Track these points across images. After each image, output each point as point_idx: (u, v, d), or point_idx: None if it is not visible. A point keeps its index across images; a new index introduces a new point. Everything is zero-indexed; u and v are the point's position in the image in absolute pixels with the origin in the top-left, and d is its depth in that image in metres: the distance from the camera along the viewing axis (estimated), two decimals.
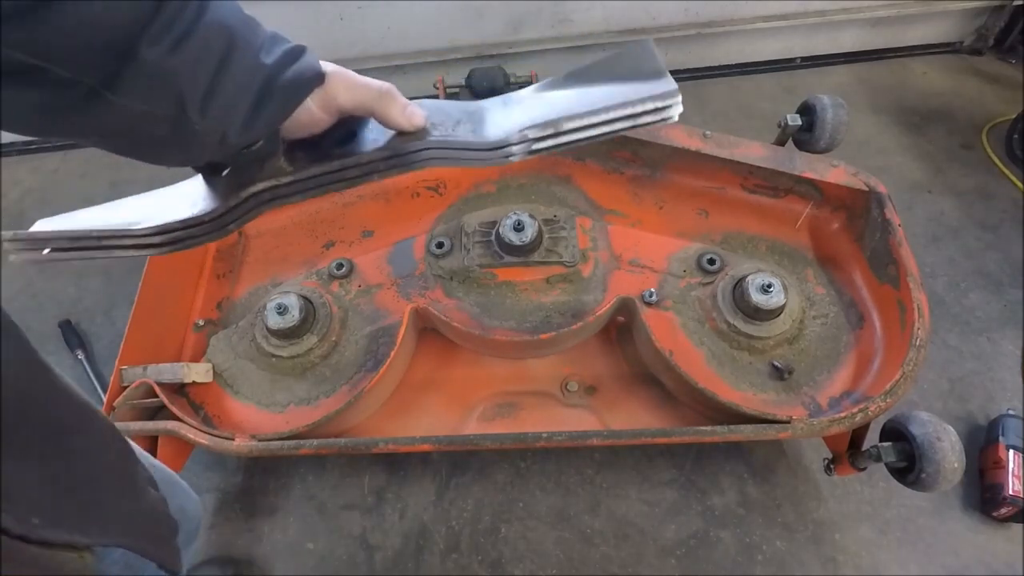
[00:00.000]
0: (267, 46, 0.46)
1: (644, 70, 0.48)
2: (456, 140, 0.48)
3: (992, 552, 1.02)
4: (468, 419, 1.06)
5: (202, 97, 0.39)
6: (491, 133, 0.47)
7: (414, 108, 0.49)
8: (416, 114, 0.48)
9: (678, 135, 1.01)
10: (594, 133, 0.46)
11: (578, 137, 0.46)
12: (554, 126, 0.46)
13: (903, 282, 0.90)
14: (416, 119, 0.48)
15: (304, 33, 1.63)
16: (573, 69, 0.51)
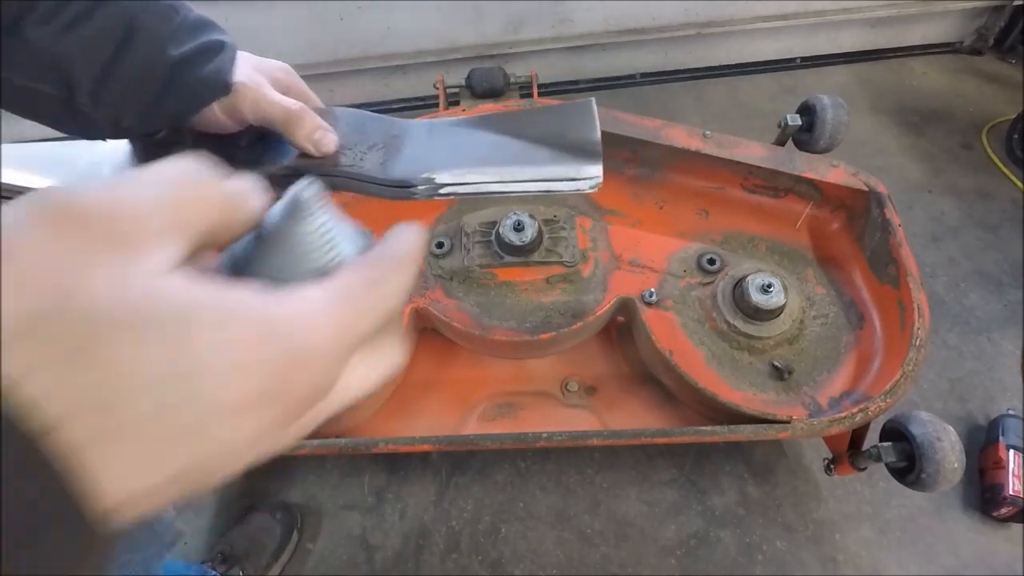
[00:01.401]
0: (179, 36, 0.42)
1: (578, 136, 0.48)
2: (360, 172, 0.46)
3: (992, 552, 1.02)
4: (468, 419, 1.06)
5: (93, 84, 0.37)
6: (399, 169, 0.46)
7: (324, 133, 0.46)
8: (324, 140, 0.46)
9: (678, 135, 1.01)
10: (499, 190, 0.45)
11: (483, 191, 0.45)
12: (462, 178, 0.45)
13: (903, 282, 0.90)
14: (323, 145, 0.46)
15: (304, 33, 1.64)
16: (507, 113, 0.50)
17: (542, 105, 0.49)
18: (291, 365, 0.19)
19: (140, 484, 0.18)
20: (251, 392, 0.19)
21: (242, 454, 0.20)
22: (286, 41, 1.65)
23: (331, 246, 0.23)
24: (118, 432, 0.17)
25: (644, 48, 1.79)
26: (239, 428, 0.19)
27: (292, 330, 0.20)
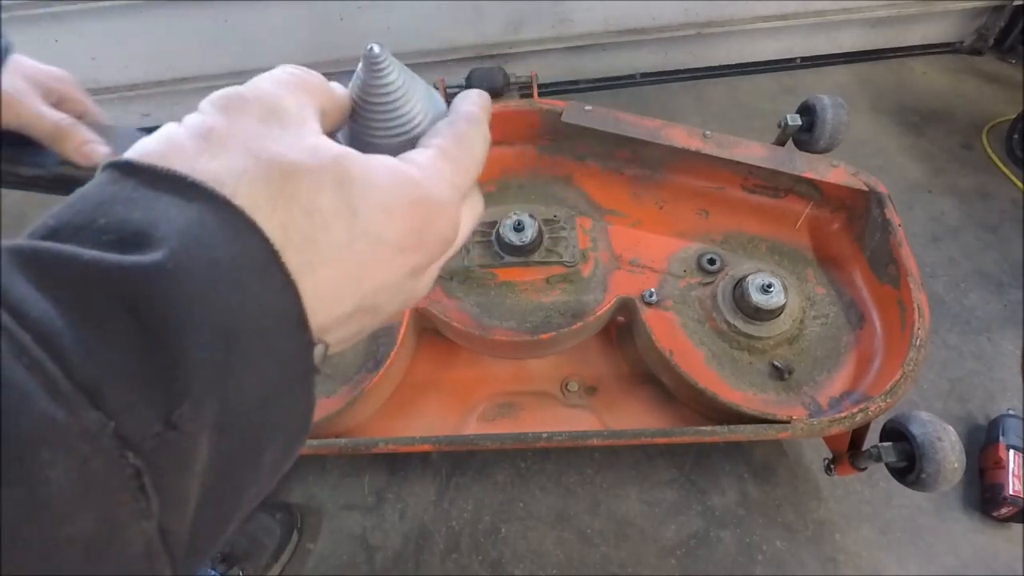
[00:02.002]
0: None
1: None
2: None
3: (992, 552, 1.02)
4: (468, 419, 1.06)
5: None
6: None
7: (93, 146, 0.48)
8: (93, 153, 0.48)
9: (678, 135, 1.01)
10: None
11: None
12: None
13: (903, 282, 0.90)
14: (92, 157, 0.48)
15: (304, 33, 1.64)
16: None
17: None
18: (429, 211, 0.24)
19: (335, 312, 0.22)
20: (406, 231, 0.23)
21: (401, 292, 0.25)
22: (286, 41, 1.65)
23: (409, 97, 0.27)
24: (319, 262, 0.21)
25: (644, 48, 1.79)
26: (401, 264, 0.24)
27: (423, 183, 0.24)
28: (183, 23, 1.58)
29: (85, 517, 0.15)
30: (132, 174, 0.19)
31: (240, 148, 0.21)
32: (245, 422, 0.19)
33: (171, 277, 0.17)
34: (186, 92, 1.73)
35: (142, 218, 0.18)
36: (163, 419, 0.16)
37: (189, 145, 0.21)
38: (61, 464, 0.15)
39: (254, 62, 1.69)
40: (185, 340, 0.17)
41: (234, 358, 0.18)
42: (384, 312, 0.25)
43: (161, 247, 0.17)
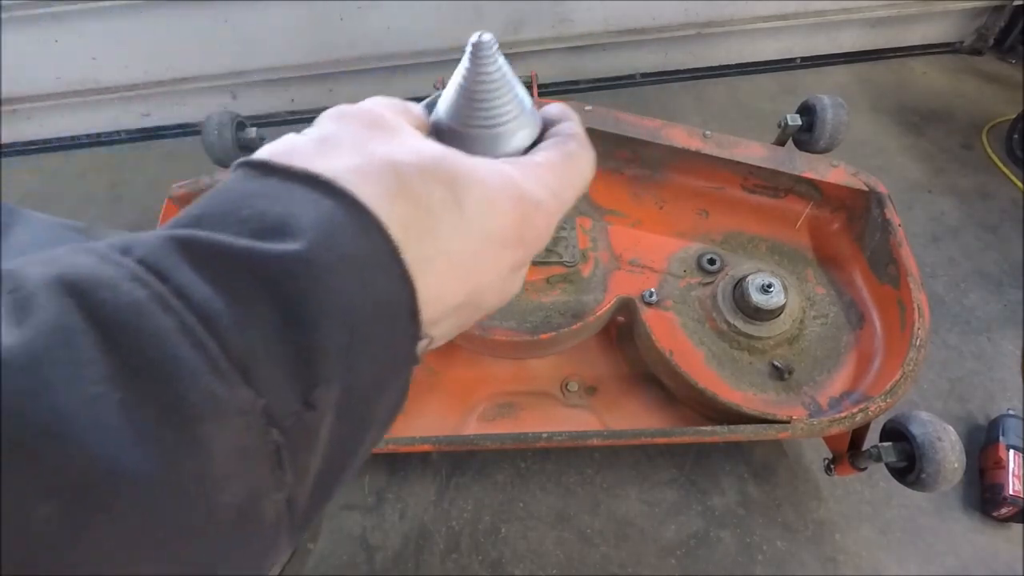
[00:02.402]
0: None
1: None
2: None
3: (992, 552, 1.02)
4: (468, 419, 1.06)
5: None
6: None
7: None
8: None
9: (678, 135, 1.01)
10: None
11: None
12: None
13: (903, 282, 0.90)
14: None
15: (304, 33, 1.64)
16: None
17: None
18: (528, 210, 0.25)
19: (443, 305, 0.23)
20: (508, 229, 0.24)
21: (502, 288, 0.26)
22: (286, 41, 1.65)
23: (510, 87, 0.28)
24: (433, 257, 0.22)
25: (644, 48, 1.79)
26: (504, 260, 0.25)
27: (522, 183, 0.25)
28: (183, 23, 1.58)
29: (237, 487, 0.17)
30: (269, 173, 0.21)
31: (353, 150, 0.23)
32: (357, 406, 0.20)
33: (310, 268, 0.18)
34: (186, 92, 1.73)
35: (281, 211, 0.19)
36: (301, 399, 0.18)
37: (309, 147, 0.23)
38: (221, 437, 0.16)
39: (254, 62, 1.69)
40: (320, 327, 0.18)
41: (356, 346, 0.19)
42: (485, 308, 0.27)
43: (300, 239, 0.19)
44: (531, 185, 0.25)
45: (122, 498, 0.15)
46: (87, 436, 0.14)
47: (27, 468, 0.14)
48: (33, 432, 0.14)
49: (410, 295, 0.21)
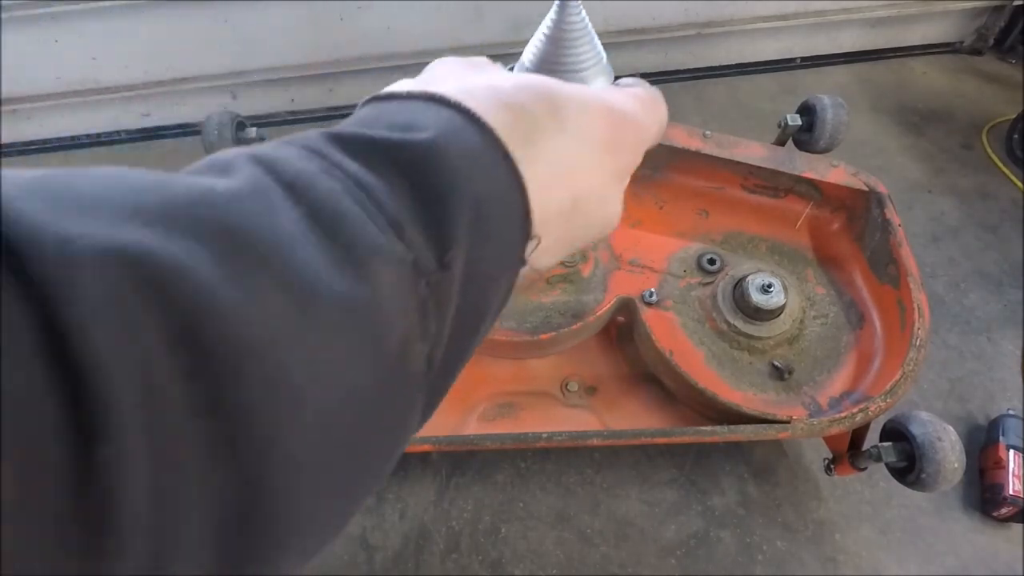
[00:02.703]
0: None
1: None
2: None
3: (992, 552, 1.02)
4: (468, 419, 1.06)
5: None
6: None
7: None
8: None
9: (678, 135, 1.01)
10: None
11: None
12: None
13: (903, 282, 0.90)
14: None
15: (304, 33, 1.64)
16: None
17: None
18: (620, 118, 0.28)
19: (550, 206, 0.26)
20: (603, 132, 0.27)
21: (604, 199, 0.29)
22: (286, 41, 1.65)
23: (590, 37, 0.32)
24: (536, 158, 0.25)
25: (644, 48, 1.79)
26: (604, 165, 0.28)
27: (610, 98, 0.29)
28: (183, 23, 1.58)
29: (398, 323, 0.19)
30: (391, 99, 0.25)
31: (456, 81, 0.27)
32: (477, 286, 0.23)
33: (438, 150, 0.22)
34: (186, 92, 1.73)
35: (409, 117, 0.23)
36: (438, 260, 0.21)
37: (419, 83, 0.27)
38: (386, 276, 0.19)
39: (254, 62, 1.69)
40: (449, 201, 0.21)
41: (477, 224, 0.22)
42: (592, 220, 0.29)
43: (427, 132, 0.22)
44: (621, 100, 0.29)
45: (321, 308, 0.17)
46: (298, 252, 0.17)
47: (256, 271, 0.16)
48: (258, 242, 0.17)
49: (520, 189, 0.24)
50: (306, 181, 0.19)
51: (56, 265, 0.13)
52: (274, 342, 0.16)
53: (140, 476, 0.13)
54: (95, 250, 0.14)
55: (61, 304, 0.13)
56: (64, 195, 0.15)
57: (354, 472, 0.20)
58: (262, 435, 0.16)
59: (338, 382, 0.18)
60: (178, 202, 0.16)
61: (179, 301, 0.15)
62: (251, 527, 0.16)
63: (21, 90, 1.69)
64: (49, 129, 1.81)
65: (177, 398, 0.14)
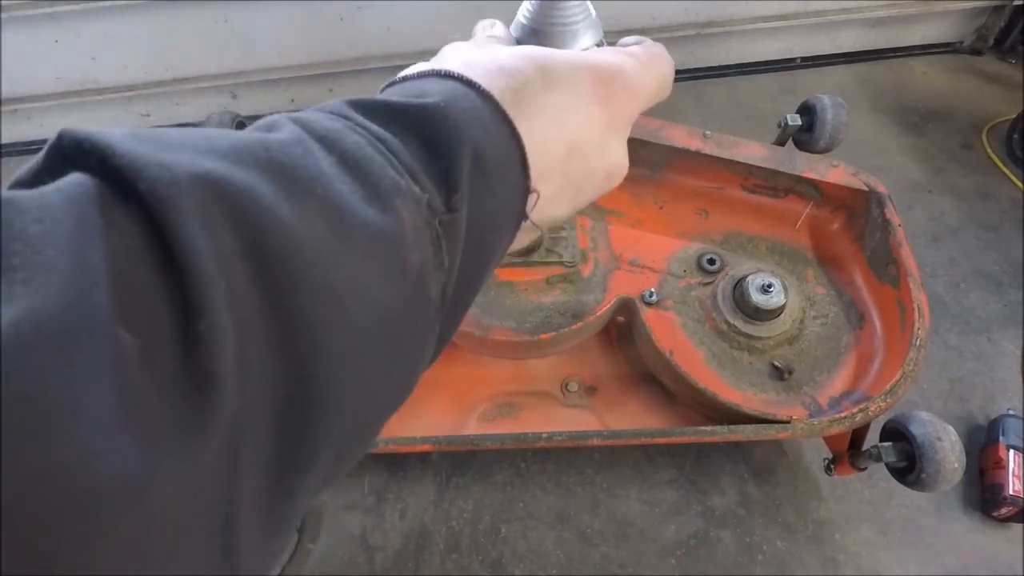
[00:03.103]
0: None
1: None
2: None
3: (992, 552, 1.02)
4: (468, 419, 1.06)
5: None
6: None
7: None
8: None
9: (678, 135, 1.01)
10: None
11: None
12: None
13: (903, 282, 0.90)
14: None
15: (304, 33, 1.64)
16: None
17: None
18: (609, 72, 0.31)
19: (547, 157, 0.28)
20: (593, 83, 0.30)
21: (603, 149, 0.31)
22: (286, 41, 1.65)
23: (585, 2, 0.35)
24: (530, 113, 0.28)
25: None
26: (596, 115, 0.30)
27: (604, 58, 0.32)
28: (183, 23, 1.58)
29: (417, 253, 0.23)
30: (404, 80, 0.29)
31: (460, 57, 0.30)
32: (481, 233, 0.26)
33: (444, 111, 0.25)
34: (186, 92, 1.73)
35: (418, 89, 0.27)
36: (446, 202, 0.24)
37: (428, 65, 0.30)
38: (407, 211, 0.22)
39: (254, 62, 1.69)
40: (454, 153, 0.24)
41: (481, 175, 0.25)
42: (592, 167, 0.31)
43: (434, 97, 0.25)
44: (610, 59, 0.32)
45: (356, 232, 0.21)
46: (336, 186, 0.21)
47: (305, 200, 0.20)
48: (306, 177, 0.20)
49: (516, 140, 0.27)
50: (336, 136, 0.23)
51: (161, 182, 0.17)
52: (321, 257, 0.19)
53: (229, 344, 0.17)
54: (186, 172, 0.17)
55: (165, 211, 0.17)
56: (156, 139, 0.19)
57: (381, 376, 0.23)
58: (310, 333, 0.19)
59: (370, 294, 0.21)
60: (241, 145, 0.20)
61: (249, 217, 0.18)
62: (301, 410, 0.19)
63: (21, 90, 1.69)
64: (49, 129, 1.81)
65: (249, 296, 0.18)
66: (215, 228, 0.17)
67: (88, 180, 0.16)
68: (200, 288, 0.16)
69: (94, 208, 0.16)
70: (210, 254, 0.17)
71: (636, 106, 0.32)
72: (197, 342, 0.16)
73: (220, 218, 0.17)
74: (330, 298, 0.19)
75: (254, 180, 0.19)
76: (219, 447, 0.17)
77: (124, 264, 0.16)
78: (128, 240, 0.16)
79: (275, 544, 0.21)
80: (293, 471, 0.20)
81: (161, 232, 0.16)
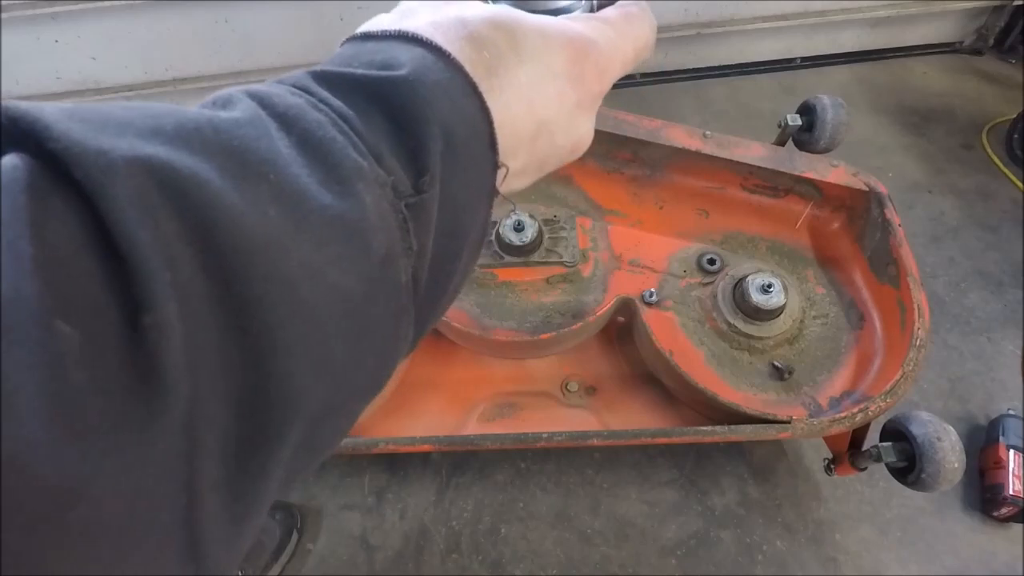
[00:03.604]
0: None
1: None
2: None
3: (992, 552, 1.02)
4: (468, 419, 1.06)
5: None
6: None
7: None
8: None
9: (678, 135, 1.01)
10: None
11: None
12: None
13: (903, 282, 0.90)
14: None
15: (304, 33, 1.64)
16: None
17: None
18: (582, 47, 0.29)
19: (517, 133, 0.28)
20: (564, 63, 0.29)
21: (571, 125, 0.30)
22: (286, 41, 1.65)
23: None
24: (500, 88, 0.26)
25: None
26: (566, 93, 0.29)
27: (574, 27, 0.30)
28: (183, 23, 1.58)
29: (382, 237, 0.22)
30: (367, 39, 0.27)
31: (428, 13, 0.28)
32: (453, 214, 0.25)
33: (413, 85, 0.24)
34: (186, 92, 1.73)
35: (385, 56, 0.25)
36: (414, 184, 0.23)
37: (393, 17, 0.28)
38: (369, 194, 0.21)
39: (254, 62, 1.69)
40: (422, 131, 0.23)
41: (450, 155, 0.24)
42: (558, 144, 0.31)
43: (402, 69, 0.24)
44: (584, 30, 0.30)
45: (311, 217, 0.20)
46: (292, 169, 0.20)
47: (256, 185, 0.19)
48: (257, 161, 0.20)
49: (486, 117, 0.26)
50: (296, 113, 0.21)
51: (96, 169, 0.16)
52: (273, 244, 0.19)
53: (175, 339, 0.16)
54: (125, 159, 0.17)
55: (101, 199, 0.16)
56: (96, 119, 0.18)
57: (348, 363, 0.22)
58: (264, 323, 0.18)
59: (328, 281, 0.20)
60: (189, 126, 0.19)
61: (194, 204, 0.17)
62: (261, 398, 0.19)
63: (21, 90, 1.69)
64: None
65: (197, 286, 0.17)
66: (157, 216, 0.17)
67: (23, 164, 0.16)
68: (143, 280, 0.16)
69: (29, 195, 0.15)
70: (152, 244, 0.16)
71: (608, 80, 0.31)
72: (142, 336, 0.16)
73: (162, 206, 0.17)
74: (284, 287, 0.19)
75: (199, 165, 0.18)
76: (170, 442, 0.16)
77: (61, 254, 0.15)
78: (66, 229, 0.16)
79: (244, 538, 0.20)
80: (258, 460, 0.19)
81: (101, 221, 0.16)
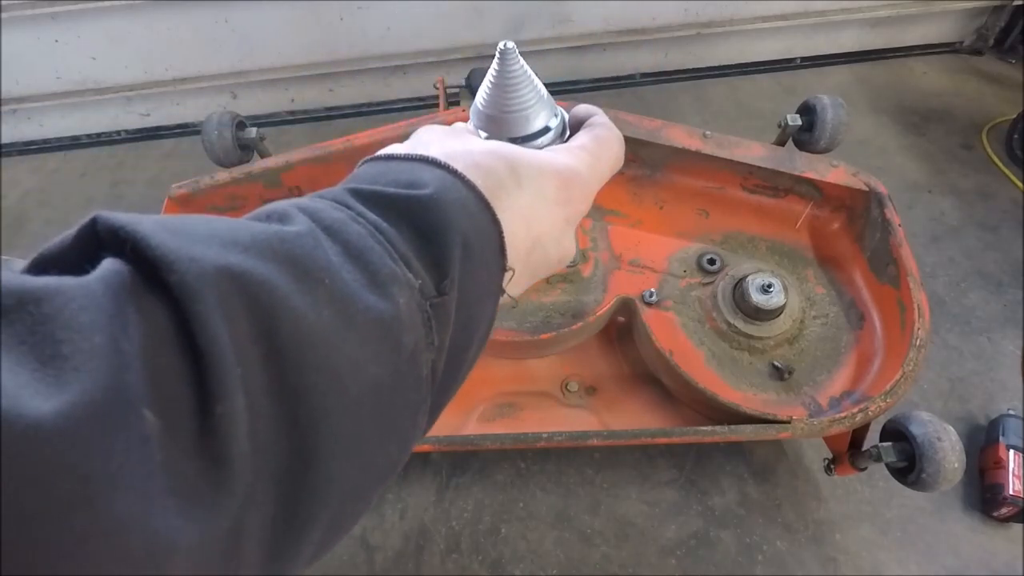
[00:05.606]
0: None
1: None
2: None
3: (992, 552, 1.02)
4: (468, 419, 1.06)
5: None
6: None
7: None
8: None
9: (678, 135, 1.01)
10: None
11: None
12: None
13: (903, 282, 0.90)
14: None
15: (304, 33, 1.64)
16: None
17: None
18: (570, 176, 0.34)
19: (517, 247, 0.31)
20: (554, 191, 0.33)
21: (559, 241, 0.35)
22: (286, 41, 1.65)
23: (528, 80, 0.37)
24: (504, 208, 0.30)
25: (644, 48, 1.79)
26: (557, 215, 0.34)
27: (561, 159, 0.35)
28: (183, 23, 1.58)
29: (410, 335, 0.25)
30: (390, 159, 0.31)
31: (438, 146, 0.32)
32: (467, 311, 0.28)
33: (437, 204, 0.27)
34: (186, 92, 1.74)
35: (410, 177, 0.28)
36: (437, 286, 0.27)
37: (407, 146, 0.32)
38: (402, 296, 0.24)
39: (254, 62, 1.69)
40: (445, 240, 0.27)
41: (467, 259, 0.27)
42: (550, 256, 0.35)
43: (428, 188, 0.28)
44: (569, 161, 0.35)
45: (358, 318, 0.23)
46: (342, 275, 0.23)
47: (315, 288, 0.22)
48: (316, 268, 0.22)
49: (497, 229, 0.30)
50: (340, 227, 0.25)
51: (190, 275, 0.18)
52: (327, 341, 0.21)
53: (242, 426, 0.18)
54: (214, 266, 0.19)
55: (192, 302, 0.18)
56: (185, 231, 0.20)
57: (375, 449, 0.24)
58: (313, 409, 0.21)
59: (368, 374, 0.23)
60: (261, 238, 0.22)
61: (264, 306, 0.20)
62: (301, 481, 0.21)
63: (21, 90, 1.69)
64: (49, 129, 1.81)
65: (258, 379, 0.19)
66: (235, 318, 0.19)
67: (124, 269, 0.18)
68: (219, 375, 0.18)
69: (130, 297, 0.18)
70: (229, 343, 0.18)
71: (590, 200, 0.36)
72: (214, 425, 0.18)
73: (240, 309, 0.19)
74: (333, 379, 0.21)
75: (271, 272, 0.21)
76: (230, 523, 0.18)
77: (153, 350, 0.17)
78: (157, 327, 0.18)
79: None
80: (291, 541, 0.21)
81: (185, 319, 0.18)
